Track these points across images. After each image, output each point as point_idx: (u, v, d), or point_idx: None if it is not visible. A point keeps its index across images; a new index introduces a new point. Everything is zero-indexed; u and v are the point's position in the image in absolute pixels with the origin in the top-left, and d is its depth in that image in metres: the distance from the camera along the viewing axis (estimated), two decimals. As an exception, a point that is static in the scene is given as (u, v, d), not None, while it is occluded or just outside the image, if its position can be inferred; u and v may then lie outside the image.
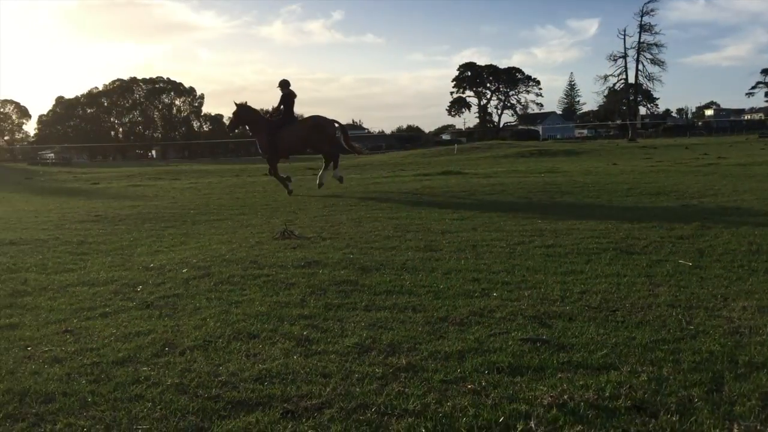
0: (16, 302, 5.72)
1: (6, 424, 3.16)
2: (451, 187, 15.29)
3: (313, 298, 5.43)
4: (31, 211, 13.60)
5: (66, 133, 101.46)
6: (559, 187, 14.60)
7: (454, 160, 37.81)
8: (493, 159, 37.66)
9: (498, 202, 12.42)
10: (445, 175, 21.54)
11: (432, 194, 14.08)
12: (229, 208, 13.17)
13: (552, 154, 40.75)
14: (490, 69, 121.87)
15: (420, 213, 11.25)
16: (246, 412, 3.21)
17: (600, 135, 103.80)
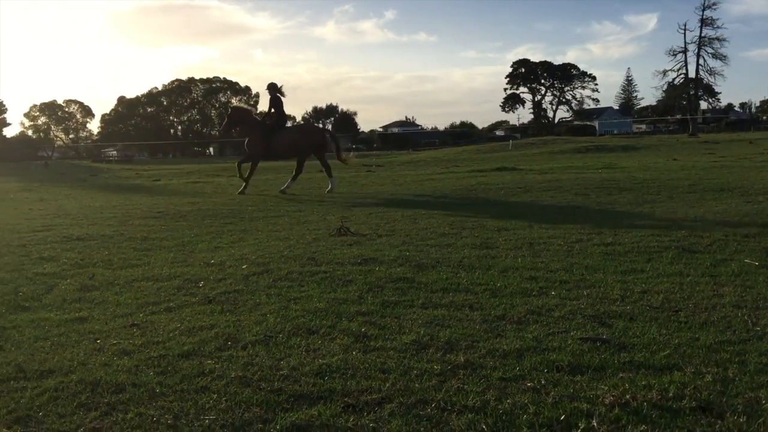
0: (84, 296, 5.93)
1: (80, 413, 3.29)
2: (507, 184, 15.18)
3: (370, 295, 5.48)
4: (96, 208, 14.06)
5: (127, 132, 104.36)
6: (617, 183, 14.34)
7: (509, 156, 37.47)
8: (549, 155, 37.15)
9: (554, 199, 12.27)
10: (500, 172, 21.38)
11: (487, 191, 14.00)
12: (286, 205, 13.36)
13: (609, 149, 39.97)
14: (545, 65, 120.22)
15: (475, 210, 11.22)
16: (308, 405, 3.28)
17: (659, 130, 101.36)
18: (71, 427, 3.13)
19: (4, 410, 3.36)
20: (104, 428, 3.10)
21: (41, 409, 3.35)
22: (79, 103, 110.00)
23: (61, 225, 10.92)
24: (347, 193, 15.78)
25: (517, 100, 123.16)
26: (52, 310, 5.50)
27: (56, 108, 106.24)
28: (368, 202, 13.29)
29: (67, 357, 4.15)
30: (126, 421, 3.16)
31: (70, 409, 3.35)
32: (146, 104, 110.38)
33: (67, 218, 12.01)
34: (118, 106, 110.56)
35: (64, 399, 3.46)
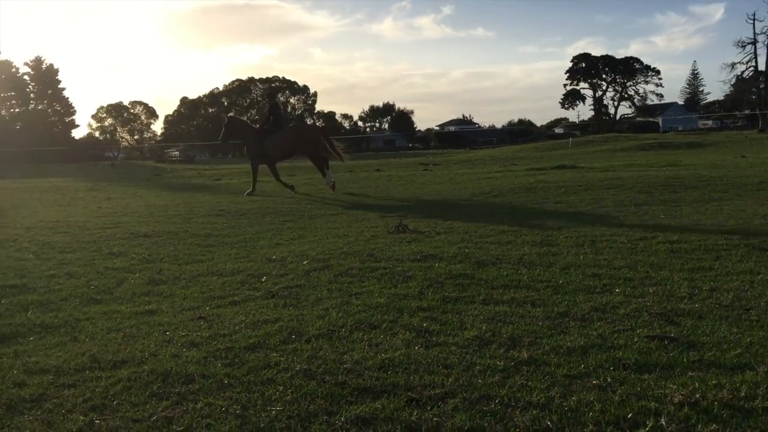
0: (153, 290, 6.12)
1: (152, 402, 3.41)
2: (566, 182, 14.95)
3: (430, 291, 5.49)
4: (161, 206, 14.46)
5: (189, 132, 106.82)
6: (682, 181, 13.96)
7: (569, 153, 36.89)
8: (610, 152, 36.43)
9: (616, 197, 12.02)
10: (559, 169, 21.07)
11: (546, 189, 13.82)
12: (343, 203, 13.48)
13: (674, 146, 38.94)
14: (606, 59, 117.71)
15: (534, 207, 11.10)
16: (372, 398, 3.31)
17: (726, 126, 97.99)
18: (144, 416, 3.24)
19: (80, 399, 3.50)
20: (175, 417, 3.20)
21: (115, 398, 3.48)
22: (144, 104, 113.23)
23: (129, 222, 11.27)
24: (404, 192, 15.81)
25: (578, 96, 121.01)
26: (123, 302, 5.69)
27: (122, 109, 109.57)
28: (426, 200, 13.30)
29: (138, 348, 4.29)
30: (196, 411, 3.26)
31: (143, 398, 3.46)
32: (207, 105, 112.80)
33: (133, 216, 12.39)
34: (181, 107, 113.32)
35: (136, 388, 3.59)
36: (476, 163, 33.36)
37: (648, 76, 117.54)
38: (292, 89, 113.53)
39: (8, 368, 4.04)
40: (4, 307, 5.62)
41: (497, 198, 12.85)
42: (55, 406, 3.42)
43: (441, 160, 37.22)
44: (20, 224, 11.37)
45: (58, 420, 3.25)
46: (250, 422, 3.09)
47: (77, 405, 3.41)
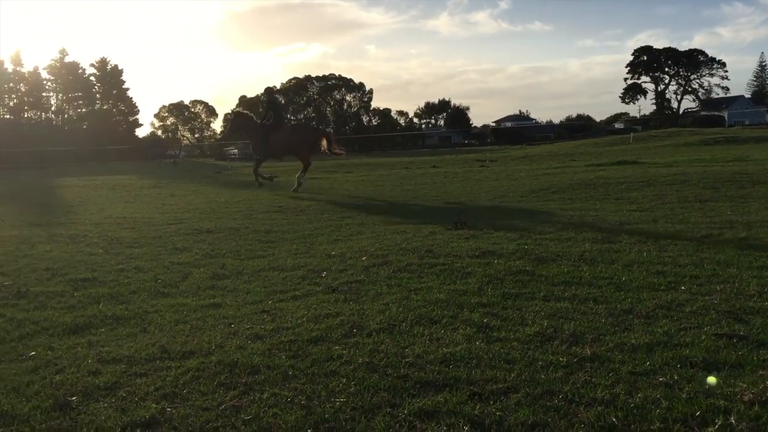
0: (217, 284, 6.28)
1: (220, 392, 3.51)
2: (627, 178, 14.64)
3: (490, 287, 5.48)
4: (222, 203, 14.77)
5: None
6: (750, 176, 13.50)
7: (630, 149, 36.11)
8: (673, 147, 35.50)
9: (680, 193, 11.72)
10: (620, 165, 20.65)
11: (606, 185, 13.57)
12: (401, 200, 13.52)
13: (740, 141, 37.67)
14: (669, 52, 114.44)
15: (595, 204, 10.93)
16: (434, 392, 3.34)
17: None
18: (213, 405, 3.34)
19: (152, 387, 3.63)
20: (243, 406, 3.29)
21: (185, 387, 3.60)
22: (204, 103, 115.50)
23: (192, 218, 11.56)
24: (461, 188, 15.76)
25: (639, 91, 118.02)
26: (189, 296, 5.86)
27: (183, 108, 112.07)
28: (483, 197, 13.23)
29: (205, 340, 4.42)
30: (262, 401, 3.34)
31: (211, 387, 3.57)
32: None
33: (196, 212, 12.70)
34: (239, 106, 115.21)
35: (205, 378, 3.70)
36: (534, 159, 32.97)
37: (713, 68, 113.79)
38: (347, 87, 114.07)
39: (83, 357, 4.21)
40: (77, 299, 5.85)
41: (556, 194, 12.69)
42: (128, 393, 3.56)
43: (498, 157, 36.93)
44: (89, 220, 11.80)
45: (132, 407, 3.37)
46: (315, 413, 3.16)
47: (149, 393, 3.54)
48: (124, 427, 3.13)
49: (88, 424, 3.20)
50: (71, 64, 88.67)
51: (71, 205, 15.71)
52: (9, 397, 3.60)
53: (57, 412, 3.36)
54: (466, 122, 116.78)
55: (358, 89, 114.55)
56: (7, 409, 3.41)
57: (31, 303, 5.73)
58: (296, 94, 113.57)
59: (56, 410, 3.39)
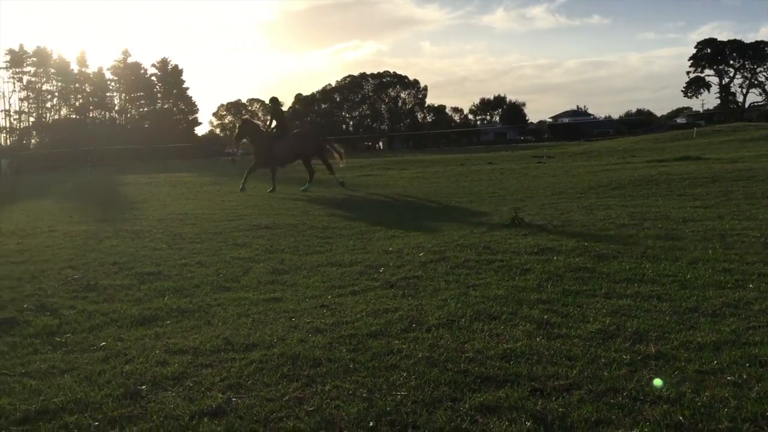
0: (277, 279, 6.39)
1: (283, 383, 3.58)
2: (691, 174, 14.26)
3: (549, 283, 5.43)
4: (279, 199, 14.99)
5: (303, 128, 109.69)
6: (821, 171, 12.99)
7: (693, 144, 35.08)
8: (739, 142, 34.32)
9: (747, 189, 11.35)
10: (682, 161, 20.10)
11: (669, 181, 13.24)
12: (457, 196, 13.48)
13: (810, 135, 36.19)
14: (734, 44, 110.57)
15: (657, 201, 10.68)
16: (495, 387, 3.34)
17: None
18: (277, 396, 3.41)
19: (217, 378, 3.73)
20: (306, 398, 3.35)
21: (249, 378, 3.68)
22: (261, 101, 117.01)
23: (250, 215, 11.77)
24: (518, 185, 15.61)
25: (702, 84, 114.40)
26: (250, 290, 5.98)
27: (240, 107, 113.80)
28: (540, 194, 13.08)
29: (267, 332, 4.51)
30: (325, 393, 3.40)
31: (275, 379, 3.65)
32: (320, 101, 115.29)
33: (254, 209, 12.92)
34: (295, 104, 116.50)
35: (268, 370, 3.78)
36: (592, 155, 32.37)
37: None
38: (402, 84, 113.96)
39: (151, 348, 4.35)
40: (143, 292, 6.03)
41: (616, 191, 12.45)
42: (195, 383, 3.67)
43: (555, 153, 36.39)
44: (152, 216, 12.13)
45: (199, 396, 3.47)
46: (377, 405, 3.20)
47: (215, 383, 3.64)
48: (192, 416, 3.23)
49: (157, 412, 3.31)
50: (134, 65, 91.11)
51: (135, 201, 16.18)
52: (82, 385, 3.74)
53: (128, 400, 3.49)
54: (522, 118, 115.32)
55: (413, 86, 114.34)
56: (81, 397, 3.55)
57: (100, 295, 5.94)
58: (351, 92, 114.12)
59: (127, 398, 3.51)
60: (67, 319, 5.17)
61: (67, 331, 4.90)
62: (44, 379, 3.88)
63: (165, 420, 3.21)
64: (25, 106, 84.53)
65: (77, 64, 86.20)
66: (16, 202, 18.37)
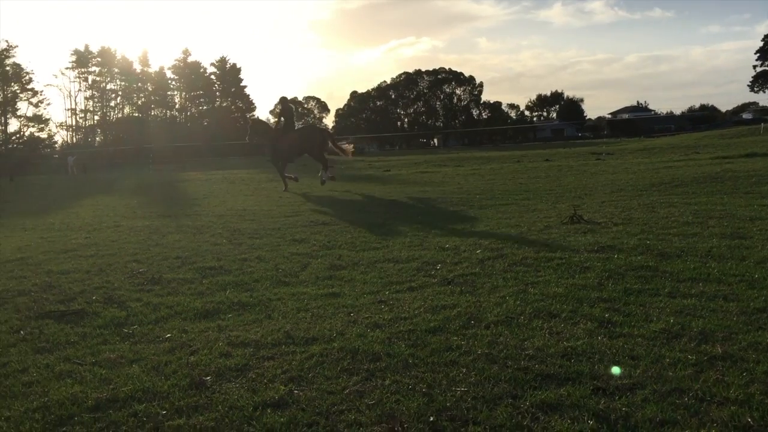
0: (334, 274, 6.46)
1: (344, 377, 3.63)
2: (758, 171, 13.81)
3: (610, 282, 5.34)
4: (335, 196, 15.12)
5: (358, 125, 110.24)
6: None
7: (760, 141, 33.88)
8: (809, 139, 33.05)
9: (818, 187, 10.93)
10: (749, 158, 19.46)
11: (735, 178, 12.85)
12: (514, 193, 13.36)
13: None
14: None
15: (722, 198, 10.37)
16: (556, 385, 3.31)
17: None
18: (337, 389, 3.46)
19: (279, 370, 3.80)
20: (366, 392, 3.39)
21: (310, 371, 3.75)
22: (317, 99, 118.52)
23: (307, 211, 11.91)
24: (576, 182, 15.37)
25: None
26: (308, 285, 6.06)
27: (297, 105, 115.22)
28: (600, 191, 12.85)
29: (326, 327, 4.57)
30: (384, 387, 3.43)
31: (335, 372, 3.70)
32: (376, 98, 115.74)
33: (311, 205, 13.07)
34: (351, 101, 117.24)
35: (328, 363, 3.84)
36: (653, 151, 31.62)
37: None
38: (458, 80, 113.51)
39: (214, 340, 4.46)
40: (206, 286, 6.18)
41: (679, 188, 12.14)
42: (257, 375, 3.75)
43: (614, 149, 35.68)
44: (212, 212, 12.40)
45: (262, 388, 3.55)
46: (437, 400, 3.21)
47: (277, 376, 3.71)
48: (256, 407, 3.30)
49: (222, 402, 3.40)
50: (193, 64, 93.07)
51: (195, 198, 16.56)
52: (150, 375, 3.87)
53: (193, 390, 3.59)
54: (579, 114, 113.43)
55: (468, 82, 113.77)
56: (148, 386, 3.67)
57: (165, 289, 6.11)
58: (406, 89, 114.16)
59: (192, 388, 3.61)
60: (134, 311, 5.34)
61: (133, 322, 5.06)
62: (113, 369, 4.02)
63: (230, 410, 3.29)
64: (90, 105, 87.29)
65: (140, 63, 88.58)
66: (82, 198, 19.02)
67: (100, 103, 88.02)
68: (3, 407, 3.51)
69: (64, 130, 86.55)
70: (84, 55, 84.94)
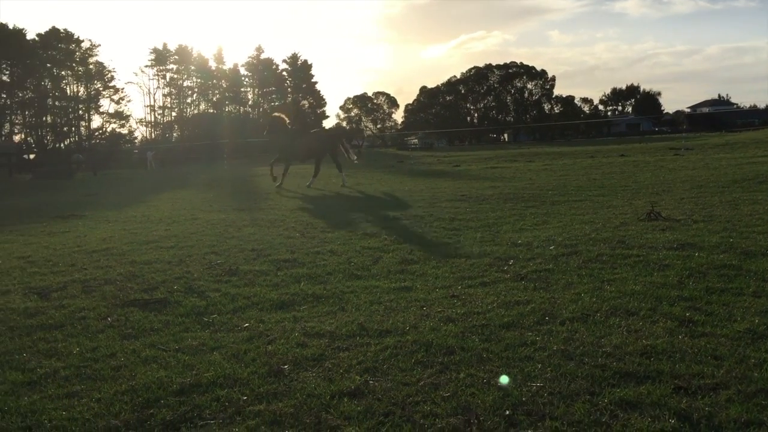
0: (406, 269, 6.49)
1: (418, 369, 3.67)
2: None
3: (691, 280, 5.19)
4: (405, 191, 15.16)
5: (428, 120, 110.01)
6: None
7: None
8: None
9: None
10: (839, 153, 18.51)
11: (825, 174, 12.25)
12: (587, 189, 13.09)
13: None
14: None
15: (811, 195, 9.91)
16: (635, 383, 3.26)
17: None
18: (412, 380, 3.50)
19: (354, 361, 3.87)
20: (441, 384, 3.41)
21: (385, 363, 3.80)
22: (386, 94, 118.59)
23: (378, 206, 12.01)
24: (653, 178, 14.94)
25: None
26: (380, 279, 6.12)
27: (366, 100, 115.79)
28: (678, 187, 12.46)
29: (399, 320, 4.61)
30: (459, 380, 3.45)
31: (409, 364, 3.74)
32: (445, 93, 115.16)
33: (381, 200, 13.17)
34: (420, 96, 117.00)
35: (402, 356, 3.88)
36: (735, 147, 30.37)
37: None
38: (529, 74, 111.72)
39: (290, 330, 4.57)
40: (281, 278, 6.32)
41: (763, 185, 11.65)
42: (333, 365, 3.82)
43: (694, 145, 34.46)
44: (285, 206, 12.64)
45: (338, 378, 3.62)
46: (512, 395, 3.21)
47: (352, 366, 3.78)
48: (333, 395, 3.37)
49: (300, 390, 3.48)
50: (266, 60, 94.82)
51: (268, 192, 16.90)
52: (230, 362, 4.00)
53: (272, 378, 3.69)
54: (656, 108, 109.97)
55: (540, 76, 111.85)
56: (229, 373, 3.80)
57: (242, 280, 6.28)
58: (476, 84, 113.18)
59: (271, 376, 3.72)
60: (213, 301, 5.52)
61: (213, 312, 5.23)
62: (196, 355, 4.17)
63: (307, 398, 3.37)
64: (167, 102, 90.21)
65: (214, 61, 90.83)
66: (161, 191, 19.69)
67: (177, 100, 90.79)
68: (94, 389, 3.69)
69: (143, 126, 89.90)
70: (162, 54, 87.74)
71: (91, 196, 18.74)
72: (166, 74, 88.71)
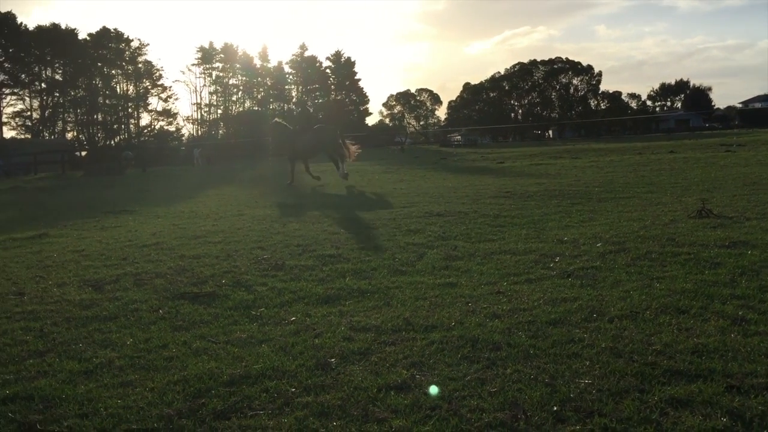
0: (450, 265, 6.49)
1: (464, 364, 3.67)
2: None
3: (744, 279, 5.08)
4: (449, 187, 15.12)
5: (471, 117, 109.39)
6: None
7: None
8: None
9: None
10: None
11: None
12: (635, 186, 12.88)
13: None
14: None
15: None
16: (686, 381, 3.22)
17: None
18: (458, 375, 3.51)
19: (400, 355, 3.90)
20: (487, 379, 3.41)
21: (431, 358, 3.81)
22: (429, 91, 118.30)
23: (422, 202, 11.99)
24: (703, 175, 14.62)
25: None
26: (425, 274, 6.13)
27: (409, 97, 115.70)
28: (730, 185, 12.16)
29: (445, 316, 4.62)
30: (506, 376, 3.44)
31: (455, 359, 3.75)
32: (489, 89, 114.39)
33: (425, 197, 13.14)
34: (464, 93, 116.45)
35: (448, 351, 3.89)
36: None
37: None
38: (574, 70, 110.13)
39: (336, 324, 4.62)
40: (326, 273, 6.38)
41: (819, 181, 11.31)
42: (379, 359, 3.85)
43: (746, 141, 33.56)
44: (327, 203, 12.75)
45: (384, 372, 3.65)
46: (560, 391, 3.19)
47: (398, 360, 3.81)
48: (379, 389, 3.40)
49: (347, 383, 3.52)
50: (310, 58, 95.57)
51: (312, 187, 17.05)
52: (278, 354, 4.06)
53: (319, 371, 3.74)
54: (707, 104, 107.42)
55: (586, 72, 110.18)
56: (277, 365, 3.86)
57: (288, 274, 6.36)
58: (520, 80, 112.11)
59: (318, 369, 3.77)
60: (260, 295, 5.60)
61: (260, 305, 5.31)
62: (244, 348, 4.25)
63: (354, 391, 3.41)
64: (213, 100, 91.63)
65: (259, 59, 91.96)
66: (207, 188, 20.02)
67: (223, 98, 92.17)
68: (147, 379, 3.79)
69: (190, 124, 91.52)
70: (208, 52, 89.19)
71: (140, 192, 19.18)
72: (212, 72, 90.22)
